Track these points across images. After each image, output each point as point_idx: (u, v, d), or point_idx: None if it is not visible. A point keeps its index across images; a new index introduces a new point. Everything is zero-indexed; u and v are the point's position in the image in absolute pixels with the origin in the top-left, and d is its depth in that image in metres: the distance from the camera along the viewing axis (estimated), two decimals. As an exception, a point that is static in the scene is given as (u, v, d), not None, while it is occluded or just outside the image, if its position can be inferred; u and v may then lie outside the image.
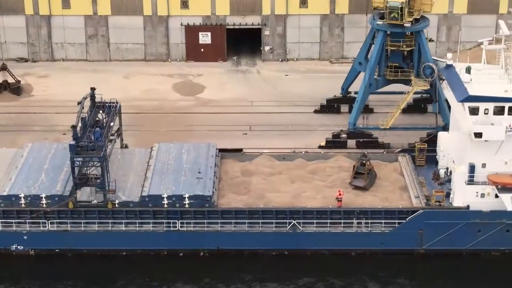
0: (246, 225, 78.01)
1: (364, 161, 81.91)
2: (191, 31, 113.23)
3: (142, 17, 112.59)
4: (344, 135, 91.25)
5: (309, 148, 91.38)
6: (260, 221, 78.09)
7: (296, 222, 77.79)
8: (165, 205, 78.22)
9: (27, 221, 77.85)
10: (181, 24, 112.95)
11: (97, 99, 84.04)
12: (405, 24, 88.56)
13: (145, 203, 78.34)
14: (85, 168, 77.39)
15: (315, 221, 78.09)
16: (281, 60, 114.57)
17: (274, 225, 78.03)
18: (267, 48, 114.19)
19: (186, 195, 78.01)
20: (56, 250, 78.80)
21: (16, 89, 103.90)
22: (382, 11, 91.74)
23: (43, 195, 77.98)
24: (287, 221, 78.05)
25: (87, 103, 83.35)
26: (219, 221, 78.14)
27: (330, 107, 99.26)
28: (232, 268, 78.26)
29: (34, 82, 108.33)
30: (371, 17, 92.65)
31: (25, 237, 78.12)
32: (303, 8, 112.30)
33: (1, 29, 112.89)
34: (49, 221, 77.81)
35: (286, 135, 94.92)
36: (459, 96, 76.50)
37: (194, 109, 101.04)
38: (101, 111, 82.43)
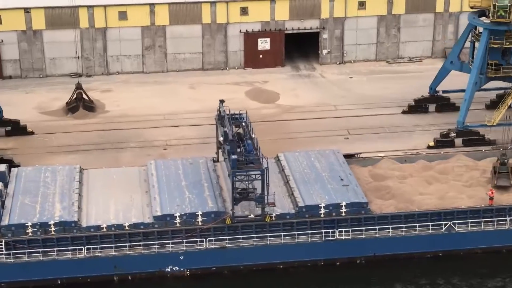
0: (404, 229, 77.54)
1: (505, 160, 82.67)
2: (250, 38, 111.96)
3: (200, 25, 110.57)
4: (453, 134, 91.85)
5: (418, 149, 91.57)
6: (417, 224, 77.73)
7: (451, 223, 77.85)
8: (322, 215, 77.07)
9: (184, 240, 75.18)
10: (240, 31, 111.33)
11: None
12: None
13: (301, 214, 77.05)
14: (239, 183, 75.34)
15: (469, 220, 78.22)
16: (339, 63, 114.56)
17: (430, 227, 77.86)
18: (325, 51, 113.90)
19: (343, 203, 77.11)
20: (213, 268, 76.55)
21: (89, 107, 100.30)
22: (477, 10, 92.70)
23: (199, 213, 75.67)
24: (442, 222, 77.98)
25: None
26: (375, 227, 77.41)
27: (418, 107, 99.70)
28: (388, 273, 77.72)
29: (100, 97, 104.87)
30: (470, 16, 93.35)
31: (181, 257, 75.62)
32: (361, 10, 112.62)
33: (54, 44, 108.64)
34: (207, 239, 75.40)
35: (386, 137, 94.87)
36: None
37: (283, 116, 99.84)
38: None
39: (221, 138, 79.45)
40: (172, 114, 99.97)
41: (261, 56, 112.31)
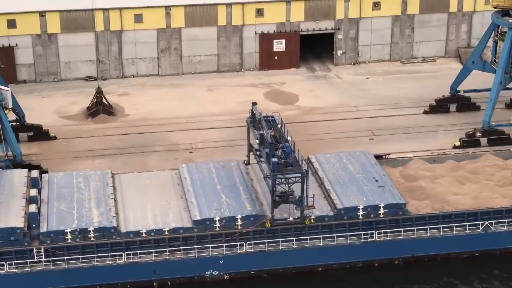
0: (441, 229, 77.58)
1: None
2: (266, 39, 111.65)
3: (216, 27, 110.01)
4: (479, 134, 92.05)
5: (444, 149, 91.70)
6: (454, 224, 77.79)
7: (488, 222, 78.00)
8: (360, 217, 76.93)
9: (224, 244, 74.74)
10: (255, 33, 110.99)
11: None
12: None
13: (340, 216, 76.86)
14: (278, 185, 74.99)
15: (505, 220, 78.40)
16: (353, 64, 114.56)
17: (467, 227, 77.95)
18: (339, 52, 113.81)
19: (381, 205, 77.02)
20: (252, 272, 76.18)
21: (109, 112, 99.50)
22: (500, 10, 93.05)
23: (239, 216, 75.26)
24: (479, 222, 78.10)
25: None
26: (413, 228, 77.36)
27: (440, 107, 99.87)
28: (426, 274, 77.74)
29: (118, 101, 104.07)
30: (494, 15, 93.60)
31: (221, 261, 75.15)
32: (375, 11, 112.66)
33: (69, 48, 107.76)
34: (247, 243, 75.01)
35: (411, 137, 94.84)
36: None
37: (305, 118, 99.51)
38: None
39: (256, 141, 78.78)
40: (194, 117, 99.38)
41: (276, 57, 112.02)
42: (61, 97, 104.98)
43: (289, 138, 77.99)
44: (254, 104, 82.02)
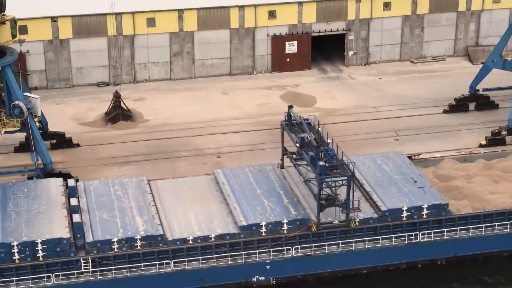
0: (483, 229, 77.81)
1: None
2: (278, 41, 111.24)
3: (228, 30, 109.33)
4: (504, 132, 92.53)
5: (471, 148, 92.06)
6: (496, 224, 78.07)
7: (528, 221, 78.56)
8: (404, 218, 76.85)
9: (271, 250, 74.20)
10: (268, 35, 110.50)
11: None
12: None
13: (384, 218, 76.71)
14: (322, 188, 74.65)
15: (545, 218, 79.02)
16: (364, 64, 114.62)
17: (508, 226, 78.29)
18: (351, 53, 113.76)
19: (425, 206, 77.01)
20: (298, 277, 75.72)
21: (127, 116, 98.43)
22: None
23: (285, 221, 74.74)
24: (519, 221, 78.65)
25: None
26: (456, 228, 77.48)
27: (459, 106, 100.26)
28: (469, 273, 77.96)
29: (134, 106, 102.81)
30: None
31: (268, 267, 74.57)
32: (386, 11, 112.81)
33: (81, 53, 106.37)
34: (293, 247, 74.52)
35: (436, 137, 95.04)
36: None
37: (326, 120, 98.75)
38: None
39: (296, 144, 78.23)
40: (214, 121, 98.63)
41: (288, 59, 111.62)
42: (75, 103, 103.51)
43: (329, 140, 77.51)
44: (290, 107, 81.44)
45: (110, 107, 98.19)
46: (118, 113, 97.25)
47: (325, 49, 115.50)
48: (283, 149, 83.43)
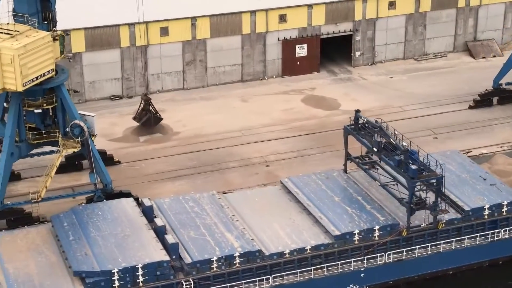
0: (562, 222, 79.15)
1: None
2: (288, 45, 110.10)
3: (240, 36, 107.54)
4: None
5: (510, 142, 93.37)
6: None
7: None
8: (486, 216, 77.24)
9: (365, 257, 73.35)
10: (278, 39, 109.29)
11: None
12: None
13: (467, 217, 76.88)
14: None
15: None
16: (370, 64, 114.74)
17: None
18: (358, 53, 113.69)
19: (505, 203, 77.57)
20: (390, 282, 75.15)
21: (158, 119, 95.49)
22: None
23: (376, 228, 73.99)
24: None
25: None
26: (535, 222, 78.52)
27: (484, 101, 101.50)
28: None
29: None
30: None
31: (362, 275, 73.72)
32: (391, 10, 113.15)
33: (94, 67, 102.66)
34: (386, 253, 73.89)
35: (472, 133, 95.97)
36: None
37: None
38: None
39: (374, 149, 77.50)
40: (247, 129, 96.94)
41: (298, 63, 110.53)
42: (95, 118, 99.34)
43: (404, 144, 77.01)
44: (357, 111, 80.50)
45: (138, 111, 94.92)
46: (149, 117, 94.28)
47: (329, 51, 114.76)
48: (346, 154, 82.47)
